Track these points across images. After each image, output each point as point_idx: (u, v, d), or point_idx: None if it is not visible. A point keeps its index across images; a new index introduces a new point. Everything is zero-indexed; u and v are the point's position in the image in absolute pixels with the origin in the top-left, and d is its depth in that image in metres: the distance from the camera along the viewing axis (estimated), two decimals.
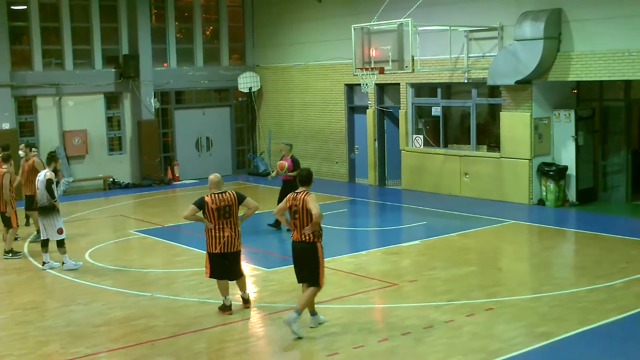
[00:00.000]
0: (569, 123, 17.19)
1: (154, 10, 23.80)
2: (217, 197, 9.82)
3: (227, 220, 9.83)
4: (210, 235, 9.82)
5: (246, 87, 24.36)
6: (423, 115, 20.24)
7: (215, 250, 9.82)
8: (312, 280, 9.21)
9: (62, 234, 12.54)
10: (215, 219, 9.76)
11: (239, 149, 25.39)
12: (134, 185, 22.66)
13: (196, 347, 8.81)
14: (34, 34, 21.26)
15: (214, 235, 9.80)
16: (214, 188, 9.91)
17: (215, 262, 9.89)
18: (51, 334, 9.41)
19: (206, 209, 9.76)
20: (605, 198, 17.75)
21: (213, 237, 9.81)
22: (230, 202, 9.86)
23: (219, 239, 9.79)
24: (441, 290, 10.85)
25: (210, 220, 9.77)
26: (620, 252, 12.90)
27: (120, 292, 11.27)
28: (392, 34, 16.56)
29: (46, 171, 12.75)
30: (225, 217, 9.81)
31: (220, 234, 9.80)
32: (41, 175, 12.72)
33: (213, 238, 9.81)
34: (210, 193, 9.87)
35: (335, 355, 8.45)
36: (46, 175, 12.61)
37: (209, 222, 9.79)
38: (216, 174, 10.22)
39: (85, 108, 22.19)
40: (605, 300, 10.18)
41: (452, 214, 16.71)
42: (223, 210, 9.78)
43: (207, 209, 9.75)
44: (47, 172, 12.68)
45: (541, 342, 8.65)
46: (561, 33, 16.36)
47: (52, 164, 12.93)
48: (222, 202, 9.80)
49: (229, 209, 9.84)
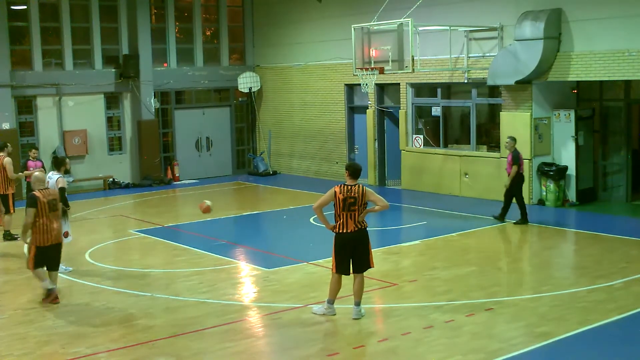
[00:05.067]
0: (569, 123, 17.19)
1: (154, 10, 23.81)
2: (45, 192, 10.76)
3: (54, 213, 10.71)
4: (40, 229, 10.53)
5: (246, 87, 24.36)
6: (423, 115, 20.24)
7: (47, 243, 10.59)
8: (366, 265, 9.60)
9: (67, 238, 12.47)
10: (47, 212, 10.58)
11: (239, 149, 25.39)
12: (134, 185, 22.66)
13: (196, 347, 8.81)
14: (34, 34, 21.25)
15: (44, 229, 10.54)
16: (39, 184, 10.82)
17: (42, 253, 10.61)
18: (51, 334, 9.41)
19: (38, 203, 10.51)
20: (605, 198, 17.75)
21: (43, 230, 10.54)
22: (56, 196, 10.94)
23: (50, 232, 10.58)
24: (441, 290, 10.85)
25: (42, 214, 10.53)
26: (620, 252, 12.91)
27: (120, 292, 11.27)
28: (392, 34, 16.56)
29: (58, 176, 12.40)
30: (53, 210, 10.68)
31: (50, 226, 10.61)
32: (52, 179, 12.37)
33: (43, 232, 10.55)
34: (37, 189, 10.72)
35: (335, 355, 8.45)
36: (58, 181, 12.28)
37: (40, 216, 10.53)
38: (39, 173, 11.14)
39: (85, 108, 22.19)
40: (605, 300, 10.18)
41: (452, 214, 16.72)
42: (51, 204, 10.65)
43: (39, 204, 10.51)
44: (60, 178, 12.34)
45: (541, 342, 8.65)
46: (561, 33, 16.36)
47: (62, 167, 12.74)
48: (49, 197, 10.72)
49: (55, 202, 10.78)
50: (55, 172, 12.68)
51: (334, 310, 9.70)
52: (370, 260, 9.64)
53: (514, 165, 15.14)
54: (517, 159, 15.21)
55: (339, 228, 9.48)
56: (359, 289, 9.61)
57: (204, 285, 11.43)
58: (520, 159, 15.27)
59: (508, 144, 15.42)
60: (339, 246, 9.52)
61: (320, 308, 9.80)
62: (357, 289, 9.60)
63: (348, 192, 9.42)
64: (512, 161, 15.18)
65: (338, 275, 9.64)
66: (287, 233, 15.79)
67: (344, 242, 9.48)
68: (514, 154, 15.24)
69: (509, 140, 15.48)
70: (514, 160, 15.17)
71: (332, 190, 9.51)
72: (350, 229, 9.43)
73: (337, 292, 9.70)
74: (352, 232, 9.44)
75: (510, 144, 15.35)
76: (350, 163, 9.90)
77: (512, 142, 15.37)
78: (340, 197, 9.40)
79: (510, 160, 15.21)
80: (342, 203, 9.39)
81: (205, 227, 16.22)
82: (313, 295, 10.67)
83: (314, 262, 12.57)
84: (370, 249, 9.62)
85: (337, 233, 9.51)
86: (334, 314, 9.67)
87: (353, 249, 9.50)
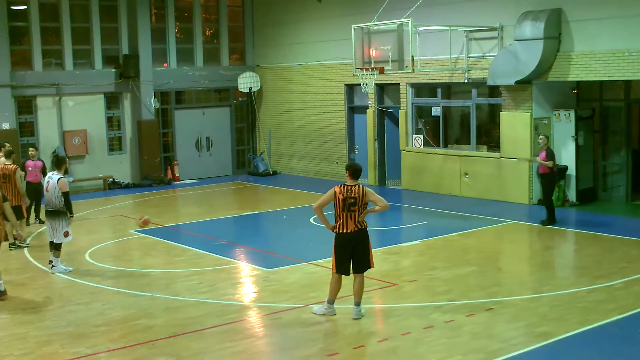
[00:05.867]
0: (569, 123, 17.19)
1: (154, 10, 23.81)
2: None
3: None
4: None
5: (246, 87, 24.36)
6: (423, 115, 20.24)
7: None
8: (366, 265, 9.60)
9: (68, 237, 12.47)
10: None
11: (239, 149, 25.39)
12: (134, 185, 22.66)
13: (196, 347, 8.81)
14: (34, 34, 21.26)
15: None
16: None
17: None
18: (51, 334, 9.40)
19: None
20: (605, 198, 17.75)
21: None
22: None
23: None
24: (441, 290, 10.85)
25: None
26: (620, 252, 12.90)
27: (120, 292, 11.27)
28: (392, 34, 16.56)
29: (59, 176, 12.33)
30: None
31: None
32: (53, 179, 12.29)
33: None
34: None
35: (335, 355, 8.45)
36: (59, 182, 12.22)
37: None
38: None
39: (85, 108, 22.19)
40: (605, 300, 10.18)
41: (452, 214, 16.72)
42: None
43: None
44: (61, 180, 12.26)
45: (541, 342, 8.65)
46: (561, 33, 16.36)
47: (63, 166, 12.62)
48: None
49: None
50: (56, 172, 12.57)
51: (334, 310, 9.70)
52: (371, 261, 9.64)
53: (549, 160, 14.93)
54: (552, 155, 15.06)
55: (339, 228, 9.48)
56: (359, 289, 9.61)
57: (204, 285, 11.43)
58: (554, 156, 15.14)
59: (542, 141, 15.20)
60: (339, 246, 9.52)
61: (320, 308, 9.80)
62: (357, 289, 9.60)
63: (348, 192, 9.42)
64: (546, 157, 14.97)
65: (338, 276, 9.64)
66: (287, 233, 15.79)
67: (344, 242, 9.49)
68: (547, 151, 15.07)
69: (542, 137, 15.28)
70: (548, 157, 14.97)
71: (332, 191, 9.51)
72: (351, 229, 9.44)
73: (337, 292, 9.70)
74: (352, 232, 9.45)
75: (544, 141, 15.17)
76: (350, 163, 9.90)
77: (545, 140, 15.22)
78: (340, 197, 9.41)
79: (545, 157, 14.97)
80: (342, 203, 9.39)
81: (205, 227, 16.23)
82: (313, 295, 10.67)
83: (314, 262, 12.57)
84: (370, 249, 9.63)
85: (337, 233, 9.51)
86: (334, 314, 9.68)
87: (353, 249, 9.50)
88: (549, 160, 14.95)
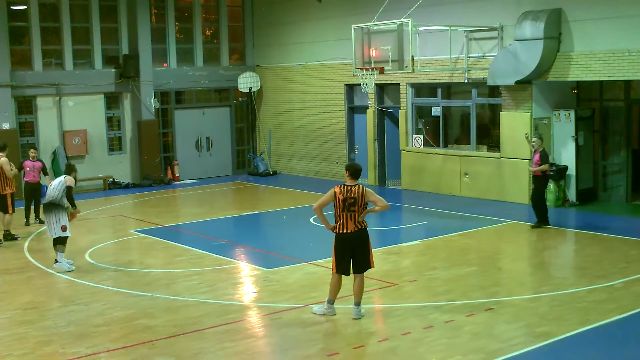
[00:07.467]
0: (569, 123, 17.19)
1: (154, 10, 23.80)
2: None
3: None
4: None
5: (246, 87, 24.36)
6: (423, 115, 20.24)
7: None
8: (366, 265, 9.60)
9: (65, 232, 12.49)
10: None
11: (239, 149, 25.39)
12: (134, 185, 22.66)
13: (196, 347, 8.81)
14: (34, 34, 21.25)
15: None
16: None
17: None
18: (51, 334, 9.41)
19: None
20: (605, 198, 17.75)
21: None
22: None
23: None
24: (441, 290, 10.85)
25: None
26: (620, 252, 12.90)
27: (120, 292, 11.27)
28: (392, 34, 16.56)
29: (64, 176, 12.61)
30: None
31: None
32: (60, 177, 12.61)
33: None
34: None
35: (335, 355, 8.45)
36: (67, 178, 12.51)
37: None
38: None
39: (85, 108, 22.19)
40: (605, 300, 10.18)
41: (452, 214, 16.72)
42: None
43: None
44: (68, 177, 12.56)
45: (541, 342, 8.65)
46: (561, 33, 16.36)
47: (73, 173, 12.83)
48: None
49: None
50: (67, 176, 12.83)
51: (334, 311, 9.70)
52: (371, 261, 9.64)
53: (543, 163, 14.72)
54: (546, 157, 14.84)
55: (339, 228, 9.48)
56: (359, 289, 9.61)
57: (204, 285, 11.43)
58: (548, 158, 14.89)
59: (535, 143, 14.99)
60: (339, 246, 9.52)
61: (320, 308, 9.80)
62: (357, 289, 9.60)
63: (348, 192, 9.42)
64: (540, 160, 14.78)
65: (338, 276, 9.64)
66: (287, 233, 15.79)
67: (344, 242, 9.49)
68: (542, 153, 14.87)
69: (536, 140, 15.09)
70: (543, 159, 14.76)
71: (332, 191, 9.51)
72: (351, 229, 9.44)
73: (337, 292, 9.70)
74: (352, 232, 9.45)
75: (538, 143, 14.98)
76: (350, 163, 9.90)
77: (539, 142, 15.02)
78: (340, 198, 9.41)
79: (538, 159, 14.79)
80: (342, 203, 9.40)
81: (205, 227, 16.23)
82: (313, 295, 10.67)
83: (314, 262, 12.57)
84: (370, 249, 9.63)
85: (337, 233, 9.51)
86: (334, 314, 9.68)
87: (353, 249, 9.50)
88: (544, 164, 14.77)
